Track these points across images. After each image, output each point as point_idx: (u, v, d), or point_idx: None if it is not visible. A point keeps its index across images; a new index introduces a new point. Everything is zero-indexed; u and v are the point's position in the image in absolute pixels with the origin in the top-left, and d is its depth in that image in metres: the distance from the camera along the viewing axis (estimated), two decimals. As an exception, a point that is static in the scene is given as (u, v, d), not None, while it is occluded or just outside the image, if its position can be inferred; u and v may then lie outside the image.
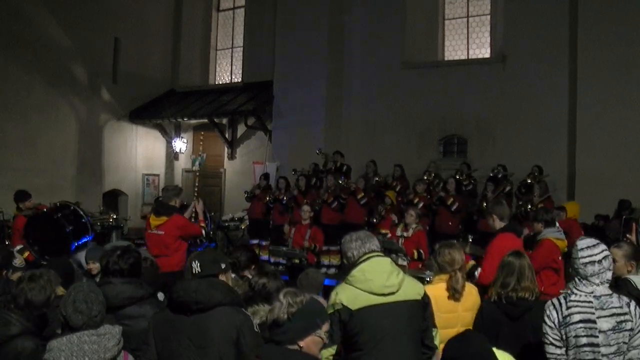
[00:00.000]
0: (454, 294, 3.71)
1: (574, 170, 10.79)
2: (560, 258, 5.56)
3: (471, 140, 12.30)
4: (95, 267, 5.85)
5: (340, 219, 10.42)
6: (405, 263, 7.07)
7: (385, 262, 3.19)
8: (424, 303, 3.22)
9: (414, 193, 9.99)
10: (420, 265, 7.21)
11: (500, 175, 10.36)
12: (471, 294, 3.84)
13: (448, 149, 12.81)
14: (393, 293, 3.10)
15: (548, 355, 3.00)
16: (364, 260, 3.17)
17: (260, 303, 3.41)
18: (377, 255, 3.20)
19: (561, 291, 4.14)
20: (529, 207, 8.83)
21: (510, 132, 11.59)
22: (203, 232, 6.41)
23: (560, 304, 2.99)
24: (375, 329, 3.05)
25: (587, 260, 2.97)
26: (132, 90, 14.70)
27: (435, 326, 3.31)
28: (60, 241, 7.73)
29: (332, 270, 9.44)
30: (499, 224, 5.02)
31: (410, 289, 3.18)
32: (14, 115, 12.29)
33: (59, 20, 13.02)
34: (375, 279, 3.09)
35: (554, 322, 2.97)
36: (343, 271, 9.67)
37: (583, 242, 3.03)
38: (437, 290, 3.70)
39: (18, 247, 7.62)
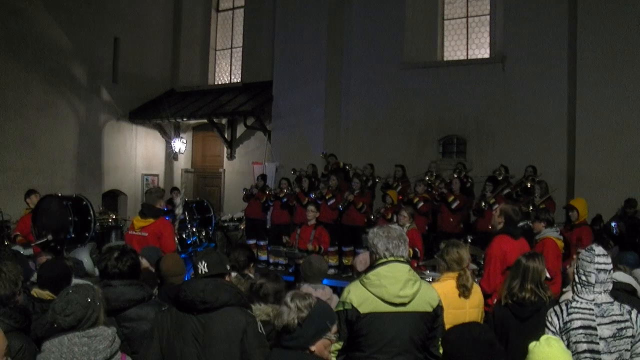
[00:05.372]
0: (464, 291, 3.78)
1: (573, 171, 10.78)
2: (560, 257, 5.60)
3: (470, 141, 12.30)
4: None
5: (338, 219, 10.43)
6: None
7: (404, 269, 3.13)
8: (435, 315, 3.17)
9: (414, 193, 10.00)
10: (415, 264, 7.22)
11: (501, 177, 10.36)
12: (477, 292, 3.95)
13: (447, 149, 12.79)
14: (404, 304, 3.07)
15: None
16: (382, 264, 3.13)
17: (257, 302, 3.42)
18: (398, 261, 3.14)
19: (564, 290, 4.16)
20: (530, 208, 8.84)
21: (510, 132, 11.59)
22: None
23: (561, 310, 3.02)
24: (380, 336, 3.05)
25: (602, 267, 3.00)
26: (132, 91, 14.72)
27: None
28: (61, 226, 7.80)
29: (331, 271, 9.42)
30: (499, 225, 5.03)
31: (423, 300, 3.13)
32: (14, 115, 12.29)
33: (58, 20, 13.02)
34: (389, 286, 3.07)
35: (555, 328, 3.00)
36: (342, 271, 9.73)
37: (600, 249, 3.06)
38: (446, 287, 3.76)
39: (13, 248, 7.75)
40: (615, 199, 9.19)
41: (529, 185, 9.72)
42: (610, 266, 3.03)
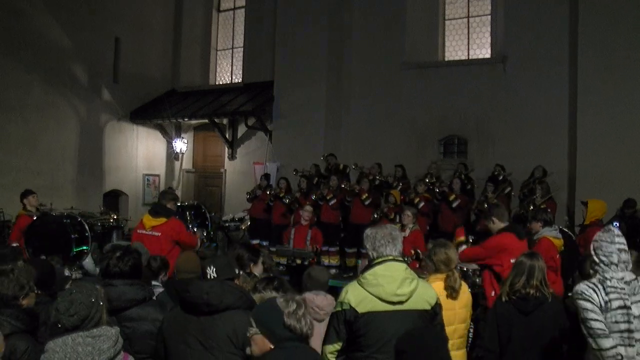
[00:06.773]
0: (452, 292, 3.79)
1: (575, 171, 10.77)
2: (557, 256, 5.59)
3: (471, 141, 12.29)
4: None
5: (339, 219, 10.41)
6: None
7: (400, 268, 3.15)
8: (434, 313, 3.19)
9: (414, 194, 9.99)
10: (417, 265, 7.21)
11: (501, 177, 10.36)
12: (464, 292, 3.93)
13: (448, 149, 12.79)
14: (402, 302, 3.08)
15: (593, 332, 2.92)
16: (379, 263, 3.15)
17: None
18: (394, 260, 3.16)
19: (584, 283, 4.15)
20: (531, 207, 8.84)
21: (511, 132, 11.58)
22: (198, 243, 6.31)
23: (598, 287, 3.00)
24: (379, 335, 3.06)
25: (622, 247, 3.09)
26: (133, 91, 14.70)
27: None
28: (62, 245, 7.83)
29: (333, 271, 9.41)
30: (499, 225, 5.09)
31: (421, 298, 3.15)
32: (14, 116, 12.28)
33: (59, 20, 13.01)
34: (386, 285, 3.08)
35: (596, 304, 2.95)
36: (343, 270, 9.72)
37: (617, 230, 3.17)
38: (434, 289, 3.72)
39: (13, 244, 7.72)
40: (616, 199, 9.14)
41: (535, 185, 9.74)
42: (626, 246, 3.14)
